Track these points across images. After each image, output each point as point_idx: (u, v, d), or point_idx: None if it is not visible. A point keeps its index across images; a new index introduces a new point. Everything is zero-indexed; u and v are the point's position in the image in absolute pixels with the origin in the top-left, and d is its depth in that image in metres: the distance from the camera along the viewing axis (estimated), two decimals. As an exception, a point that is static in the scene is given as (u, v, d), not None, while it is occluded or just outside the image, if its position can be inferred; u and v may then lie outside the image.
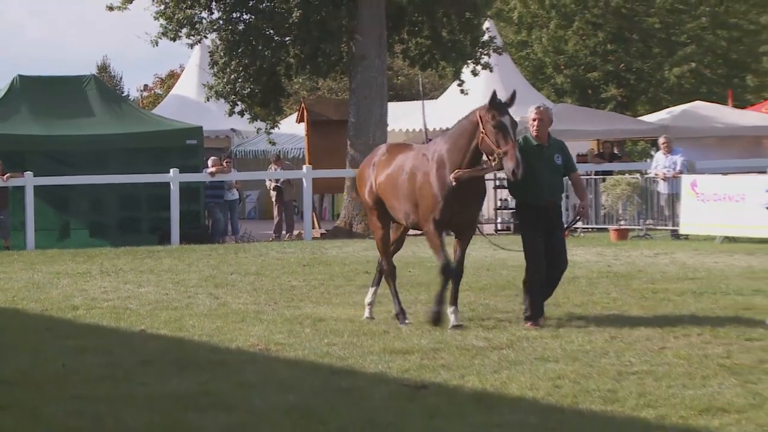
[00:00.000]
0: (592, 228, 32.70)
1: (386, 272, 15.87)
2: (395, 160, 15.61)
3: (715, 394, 10.22)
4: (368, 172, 16.00)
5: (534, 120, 15.05)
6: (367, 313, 15.67)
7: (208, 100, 39.72)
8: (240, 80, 35.76)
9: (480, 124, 14.31)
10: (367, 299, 15.92)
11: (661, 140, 33.37)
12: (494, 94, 14.41)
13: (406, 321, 15.14)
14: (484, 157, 14.54)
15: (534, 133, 15.05)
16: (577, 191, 15.75)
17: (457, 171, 14.47)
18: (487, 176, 15.84)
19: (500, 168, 14.28)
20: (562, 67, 50.22)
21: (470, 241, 15.23)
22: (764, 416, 7.79)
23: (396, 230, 16.22)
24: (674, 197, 30.33)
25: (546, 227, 14.93)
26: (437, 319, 14.56)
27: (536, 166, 14.73)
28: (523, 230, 15.22)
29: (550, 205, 15.11)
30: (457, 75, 38.09)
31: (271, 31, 36.11)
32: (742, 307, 15.60)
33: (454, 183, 14.51)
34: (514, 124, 14.33)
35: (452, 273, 14.68)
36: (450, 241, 15.12)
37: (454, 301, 14.75)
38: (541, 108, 15.27)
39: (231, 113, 37.30)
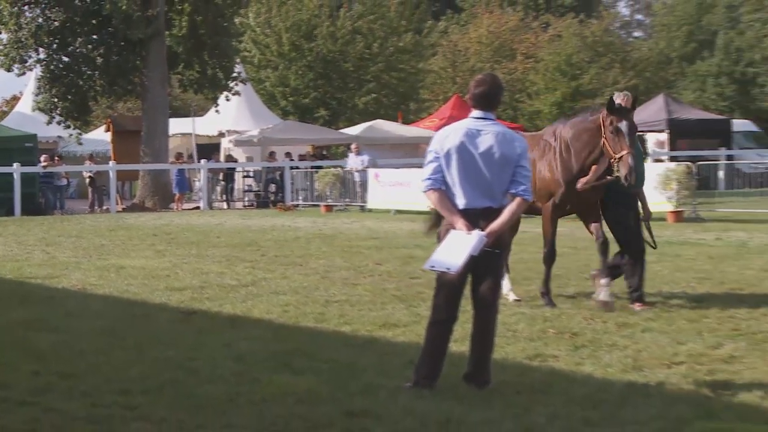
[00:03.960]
0: (309, 204, 32.89)
1: (506, 253, 10.78)
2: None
3: (389, 315, 10.37)
4: None
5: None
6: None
7: (33, 111, 39.45)
8: (59, 100, 35.76)
9: (602, 128, 10.24)
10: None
11: (353, 146, 34.35)
12: (611, 99, 10.20)
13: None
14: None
15: None
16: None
17: (584, 183, 10.48)
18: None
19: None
20: (287, 96, 50.15)
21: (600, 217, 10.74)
22: (421, 329, 7.95)
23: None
24: (364, 183, 30.80)
25: (635, 211, 10.79)
26: (551, 303, 10.60)
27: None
28: (623, 217, 10.64)
29: (639, 193, 10.84)
30: (215, 100, 38.63)
31: (84, 68, 36.00)
32: (408, 256, 15.86)
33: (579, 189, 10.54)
34: (632, 128, 10.10)
35: (552, 261, 10.91)
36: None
37: (608, 275, 10.48)
38: (629, 94, 10.65)
39: (49, 122, 37.30)
